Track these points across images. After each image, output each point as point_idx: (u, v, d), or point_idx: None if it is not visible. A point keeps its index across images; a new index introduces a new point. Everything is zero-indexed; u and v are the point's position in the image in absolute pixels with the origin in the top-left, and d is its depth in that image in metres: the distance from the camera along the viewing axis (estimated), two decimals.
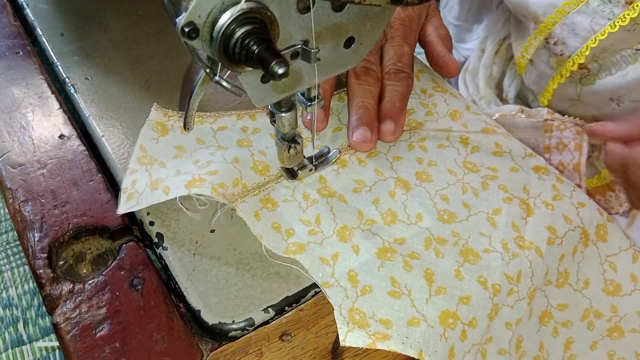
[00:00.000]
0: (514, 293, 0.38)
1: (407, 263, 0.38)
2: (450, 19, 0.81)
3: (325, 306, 0.38)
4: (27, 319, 0.84)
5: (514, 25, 0.61)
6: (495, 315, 0.37)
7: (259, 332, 0.37)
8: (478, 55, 0.71)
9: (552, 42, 0.53)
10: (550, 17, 0.51)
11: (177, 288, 0.39)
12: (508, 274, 0.38)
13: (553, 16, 0.51)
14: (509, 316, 0.38)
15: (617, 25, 0.47)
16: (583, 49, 0.50)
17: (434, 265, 0.38)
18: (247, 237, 0.41)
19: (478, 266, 0.39)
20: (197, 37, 0.28)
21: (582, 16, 0.49)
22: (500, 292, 0.38)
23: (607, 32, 0.47)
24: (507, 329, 0.38)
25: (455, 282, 0.38)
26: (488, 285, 0.38)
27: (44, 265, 0.39)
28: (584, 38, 0.49)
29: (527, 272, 0.39)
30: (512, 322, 0.38)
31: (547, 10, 0.51)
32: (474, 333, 0.36)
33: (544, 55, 0.55)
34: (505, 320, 0.38)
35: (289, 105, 0.39)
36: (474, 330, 0.36)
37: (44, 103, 0.51)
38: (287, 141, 0.41)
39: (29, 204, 0.43)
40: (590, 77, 0.51)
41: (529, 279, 0.39)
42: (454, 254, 0.39)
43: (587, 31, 0.49)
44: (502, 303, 0.38)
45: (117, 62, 0.55)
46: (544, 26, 0.52)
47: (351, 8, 0.34)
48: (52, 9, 0.60)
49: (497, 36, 0.68)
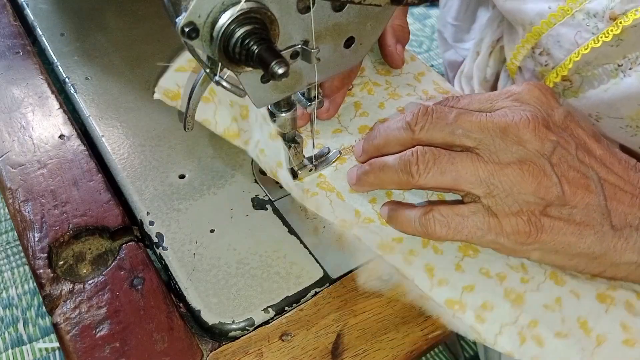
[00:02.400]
0: (529, 280, 0.38)
1: (407, 259, 0.39)
2: (449, 18, 0.81)
3: (325, 306, 0.38)
4: (27, 319, 0.84)
5: (506, 28, 0.61)
6: (521, 300, 0.37)
7: (259, 332, 0.37)
8: (473, 57, 0.71)
9: (538, 52, 0.53)
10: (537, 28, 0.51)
11: (177, 288, 0.39)
12: (511, 264, 0.38)
13: (539, 26, 0.51)
14: (542, 299, 0.37)
15: (600, 40, 0.46)
16: (566, 61, 0.49)
17: (434, 261, 0.39)
18: (247, 237, 0.41)
19: (478, 259, 0.39)
20: (197, 37, 0.28)
21: (567, 28, 0.49)
22: (507, 278, 0.37)
23: (590, 47, 0.47)
24: (548, 311, 0.36)
25: (457, 275, 0.38)
26: (492, 275, 0.38)
27: (44, 265, 0.39)
28: (568, 50, 0.49)
29: (532, 262, 0.39)
30: (551, 304, 0.37)
31: (534, 20, 0.51)
32: (495, 314, 0.36)
33: (531, 64, 0.55)
34: (542, 303, 0.37)
35: (289, 105, 0.39)
36: (492, 312, 0.36)
37: (44, 103, 0.51)
38: (287, 141, 0.41)
39: (29, 204, 0.43)
40: (573, 89, 0.51)
41: (537, 266, 0.39)
42: (453, 249, 0.39)
43: (571, 44, 0.49)
44: (522, 289, 0.37)
45: (117, 62, 0.55)
46: (530, 35, 0.52)
47: (351, 8, 0.34)
48: (52, 9, 0.60)
49: (491, 38, 0.68)
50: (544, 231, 0.35)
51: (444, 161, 0.36)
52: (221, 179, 0.45)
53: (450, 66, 0.82)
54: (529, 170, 0.35)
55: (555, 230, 0.35)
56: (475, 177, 0.36)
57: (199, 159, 0.46)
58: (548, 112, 0.37)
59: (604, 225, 0.36)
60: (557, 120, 0.37)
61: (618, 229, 0.36)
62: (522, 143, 0.35)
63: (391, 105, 0.51)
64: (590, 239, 0.35)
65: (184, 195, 0.44)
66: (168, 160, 0.46)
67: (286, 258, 0.40)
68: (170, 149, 0.47)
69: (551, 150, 0.35)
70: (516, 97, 0.38)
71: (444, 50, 0.84)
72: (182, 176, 0.45)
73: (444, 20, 0.83)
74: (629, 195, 0.36)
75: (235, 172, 0.46)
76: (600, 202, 0.36)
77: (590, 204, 0.35)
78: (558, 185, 0.35)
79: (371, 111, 0.50)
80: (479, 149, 0.36)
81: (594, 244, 0.36)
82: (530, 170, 0.35)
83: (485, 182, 0.35)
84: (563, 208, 0.35)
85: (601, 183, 0.36)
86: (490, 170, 0.35)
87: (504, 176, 0.35)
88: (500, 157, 0.35)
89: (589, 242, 0.35)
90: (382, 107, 0.50)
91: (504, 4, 0.54)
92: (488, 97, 0.39)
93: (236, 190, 0.44)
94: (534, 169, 0.35)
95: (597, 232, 0.35)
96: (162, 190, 0.44)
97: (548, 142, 0.35)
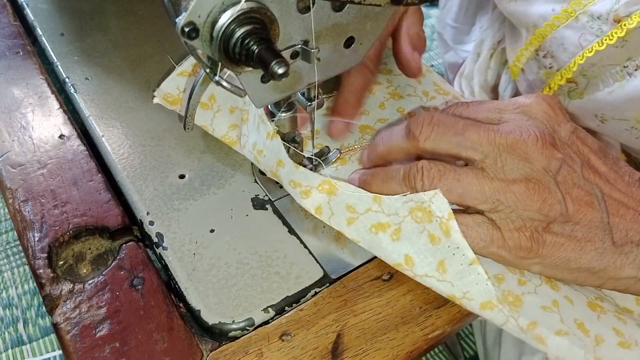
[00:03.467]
0: (526, 282, 0.38)
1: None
2: (449, 20, 0.81)
3: (325, 306, 0.38)
4: (27, 319, 0.84)
5: (508, 30, 0.61)
6: (520, 302, 0.37)
7: (259, 332, 0.37)
8: (473, 59, 0.71)
9: (542, 55, 0.52)
10: (540, 30, 0.51)
11: (177, 288, 0.39)
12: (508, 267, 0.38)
13: (543, 29, 0.51)
14: (539, 301, 0.37)
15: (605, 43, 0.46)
16: (571, 64, 0.49)
17: None
18: (247, 237, 0.41)
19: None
20: (197, 37, 0.28)
21: (571, 31, 0.48)
22: (505, 280, 0.37)
23: (594, 49, 0.47)
24: (546, 311, 0.37)
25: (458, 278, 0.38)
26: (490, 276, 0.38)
27: (44, 265, 0.39)
28: (573, 53, 0.49)
29: None
30: (549, 305, 0.37)
31: (538, 22, 0.51)
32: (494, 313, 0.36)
33: (534, 66, 0.55)
34: (539, 305, 0.37)
35: (289, 105, 0.39)
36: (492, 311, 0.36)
37: (44, 103, 0.51)
38: (287, 141, 0.41)
39: (29, 204, 0.43)
40: (579, 91, 0.51)
41: None
42: None
43: (575, 46, 0.48)
44: (520, 291, 0.37)
45: (117, 62, 0.55)
46: (534, 38, 0.52)
47: (351, 8, 0.34)
48: (52, 9, 0.60)
49: (492, 40, 0.68)
50: (545, 247, 0.36)
51: (450, 178, 0.36)
52: (221, 179, 0.45)
53: (451, 68, 0.82)
54: (535, 188, 0.35)
55: (556, 246, 0.36)
56: (480, 193, 0.36)
57: (199, 159, 0.46)
58: (555, 128, 0.37)
59: (605, 242, 0.36)
60: (564, 136, 0.37)
61: (619, 245, 0.36)
62: (529, 160, 0.35)
63: (391, 105, 0.51)
64: (590, 255, 0.36)
65: (184, 195, 0.44)
66: (168, 160, 0.46)
67: (286, 258, 0.40)
68: (170, 149, 0.47)
69: (557, 168, 0.36)
70: (524, 110, 0.38)
71: (444, 51, 0.84)
72: (182, 176, 0.45)
73: (443, 22, 0.83)
74: (632, 211, 0.37)
75: (235, 172, 0.46)
76: (603, 218, 0.36)
77: (592, 221, 0.36)
78: (562, 202, 0.35)
79: (372, 110, 0.50)
80: (485, 163, 0.36)
81: (594, 260, 0.36)
82: (535, 188, 0.35)
83: (491, 198, 0.35)
84: (566, 225, 0.36)
85: (604, 199, 0.36)
86: (496, 187, 0.35)
87: (510, 193, 0.35)
88: (507, 173, 0.35)
89: (589, 257, 0.36)
90: (382, 107, 0.50)
91: (507, 6, 0.54)
92: (496, 107, 0.39)
93: (236, 190, 0.44)
94: (540, 187, 0.35)
95: (598, 248, 0.36)
96: (162, 190, 0.44)
97: (554, 161, 0.36)
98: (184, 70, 0.46)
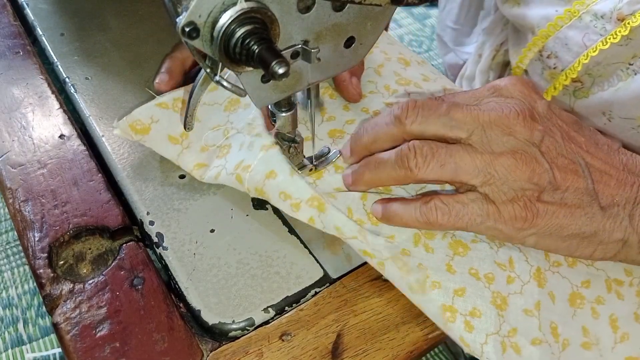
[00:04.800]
0: (514, 279, 0.38)
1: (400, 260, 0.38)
2: (449, 22, 0.81)
3: (325, 306, 0.38)
4: (27, 319, 0.84)
5: (511, 32, 0.61)
6: (505, 305, 0.37)
7: (259, 332, 0.37)
8: (475, 60, 0.71)
9: (546, 55, 0.52)
10: (544, 31, 0.51)
11: (177, 288, 0.39)
12: (499, 262, 0.39)
13: (546, 30, 0.51)
14: (523, 303, 0.38)
15: (609, 42, 0.46)
16: (575, 64, 0.50)
17: (425, 261, 0.39)
18: (247, 237, 0.41)
19: (468, 258, 0.39)
20: (198, 37, 0.28)
21: (574, 31, 0.48)
22: (495, 280, 0.38)
23: (598, 49, 0.47)
24: (528, 316, 0.37)
25: (448, 276, 0.38)
26: (480, 276, 0.38)
27: (44, 265, 0.39)
28: (577, 53, 0.49)
29: (519, 256, 0.39)
30: (531, 308, 0.38)
31: (541, 23, 0.51)
32: (482, 323, 0.36)
33: (538, 67, 0.55)
34: (522, 308, 0.38)
35: (289, 105, 0.39)
36: (480, 320, 0.36)
37: (44, 103, 0.51)
38: (287, 141, 0.41)
39: (29, 204, 0.43)
40: (584, 90, 0.51)
41: (524, 261, 0.39)
42: (444, 247, 0.39)
43: (579, 46, 0.48)
44: (507, 292, 0.38)
45: (117, 62, 0.55)
46: (537, 39, 0.52)
47: (351, 8, 0.34)
48: (52, 9, 0.60)
49: (494, 41, 0.68)
50: (539, 215, 0.37)
51: (442, 154, 0.37)
52: None
53: (451, 69, 0.82)
54: (522, 159, 0.36)
55: (549, 214, 0.37)
56: (473, 167, 0.36)
57: None
58: (532, 104, 0.38)
59: (593, 207, 0.37)
60: (541, 111, 0.39)
61: (606, 209, 0.37)
62: (512, 134, 0.36)
63: (355, 106, 0.50)
64: (581, 220, 0.37)
65: (184, 195, 0.44)
66: (168, 160, 0.46)
67: (286, 258, 0.40)
68: None
69: (540, 139, 0.37)
70: (501, 92, 0.39)
71: (444, 53, 0.84)
72: (182, 176, 0.45)
73: (443, 24, 0.83)
74: (614, 179, 0.38)
75: None
76: (589, 185, 0.37)
77: (579, 188, 0.37)
78: (550, 171, 0.36)
79: (337, 114, 0.49)
80: (472, 139, 0.37)
81: (584, 225, 0.37)
82: (523, 159, 0.36)
83: (483, 171, 0.36)
84: (555, 192, 0.37)
85: (588, 168, 0.38)
86: (485, 159, 0.36)
87: (499, 165, 0.36)
88: (493, 147, 0.37)
89: (580, 222, 0.37)
90: (346, 109, 0.49)
91: (509, 10, 0.54)
92: (473, 95, 0.40)
93: (236, 190, 0.44)
94: (526, 157, 0.36)
95: (587, 213, 0.37)
96: (162, 190, 0.44)
97: (536, 132, 0.37)
98: (163, 102, 0.45)
